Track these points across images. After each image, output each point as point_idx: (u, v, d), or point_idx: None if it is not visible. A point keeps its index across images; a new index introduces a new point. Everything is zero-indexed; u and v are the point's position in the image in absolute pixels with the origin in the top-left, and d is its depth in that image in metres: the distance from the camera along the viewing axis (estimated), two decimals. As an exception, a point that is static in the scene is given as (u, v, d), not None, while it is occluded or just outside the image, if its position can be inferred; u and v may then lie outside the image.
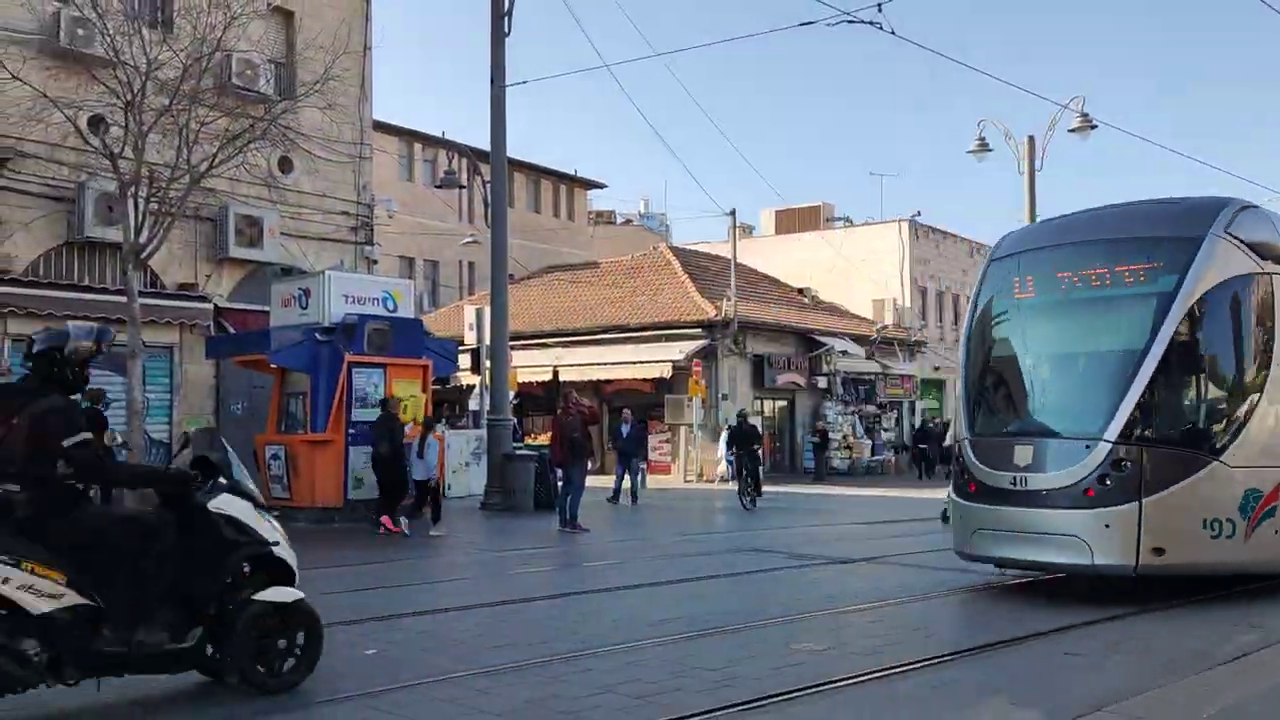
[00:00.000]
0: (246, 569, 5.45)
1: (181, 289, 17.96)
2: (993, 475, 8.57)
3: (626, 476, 19.55)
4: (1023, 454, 8.39)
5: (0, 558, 4.62)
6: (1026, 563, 8.83)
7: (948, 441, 27.77)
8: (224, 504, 5.30)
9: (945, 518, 14.39)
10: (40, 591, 4.68)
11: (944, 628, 7.45)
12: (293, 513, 14.91)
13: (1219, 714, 5.18)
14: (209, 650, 5.27)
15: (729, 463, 28.35)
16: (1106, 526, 7.91)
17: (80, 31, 15.66)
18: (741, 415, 21.75)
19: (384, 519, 13.89)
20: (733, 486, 25.97)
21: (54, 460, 4.91)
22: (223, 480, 5.41)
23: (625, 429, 19.56)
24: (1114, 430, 7.97)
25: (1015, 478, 8.34)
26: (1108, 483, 7.93)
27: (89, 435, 5.02)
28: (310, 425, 14.93)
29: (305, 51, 17.48)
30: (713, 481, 26.72)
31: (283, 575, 5.52)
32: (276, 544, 5.51)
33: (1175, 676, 5.88)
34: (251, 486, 5.61)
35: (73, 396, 5.37)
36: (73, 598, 4.77)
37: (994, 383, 9.51)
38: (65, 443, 4.91)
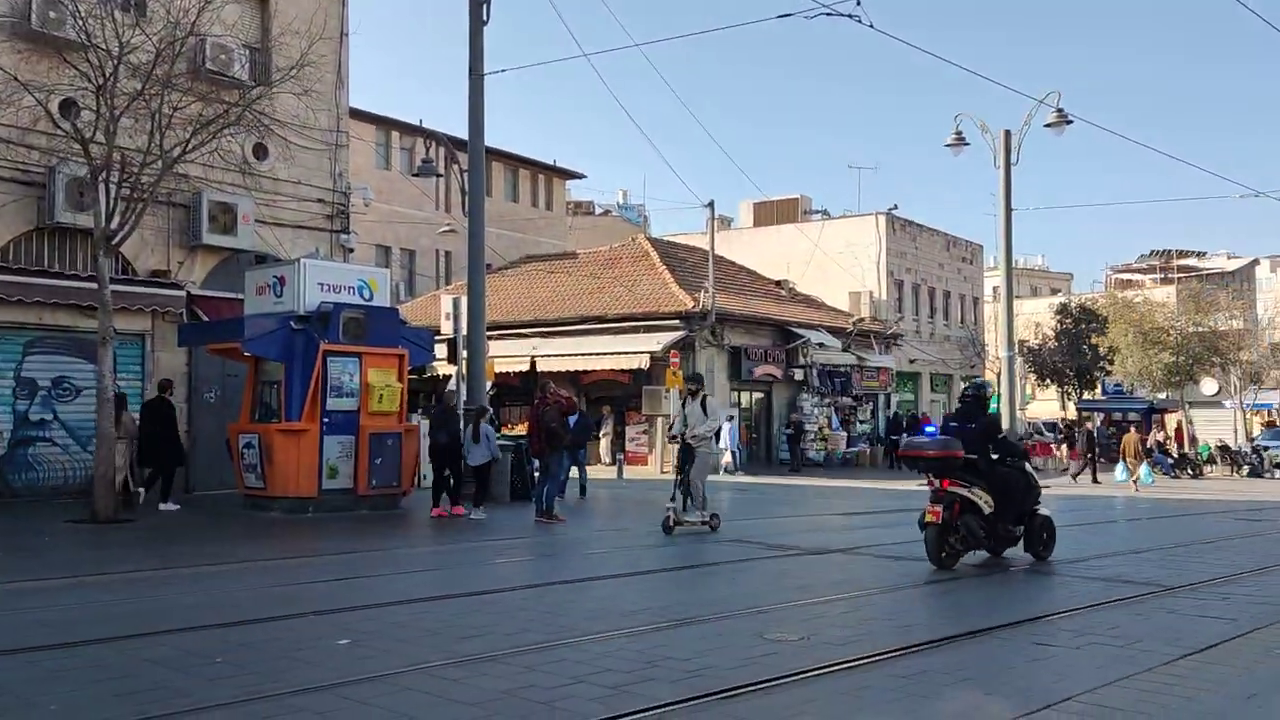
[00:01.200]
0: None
1: (154, 276, 17.77)
2: None
3: (574, 468, 18.95)
4: None
5: (980, 488, 9.90)
6: None
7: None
8: (1027, 465, 10.81)
9: (667, 528, 12.86)
10: (986, 502, 9.90)
11: (916, 618, 7.51)
12: (266, 502, 14.86)
13: (1185, 704, 5.24)
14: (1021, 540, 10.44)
15: (733, 452, 28.07)
16: None
17: (52, 14, 15.45)
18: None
19: (436, 509, 14.92)
20: (724, 478, 25.93)
21: (988, 446, 10.20)
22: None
23: (572, 419, 19.22)
24: None
25: None
26: None
27: (1004, 435, 11.12)
28: (285, 414, 14.83)
29: (281, 37, 17.32)
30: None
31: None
32: (1045, 488, 10.97)
33: (1143, 667, 5.96)
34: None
35: None
36: (991, 507, 9.92)
37: None
38: (997, 437, 10.55)
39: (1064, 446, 37.06)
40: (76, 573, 9.64)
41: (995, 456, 10.18)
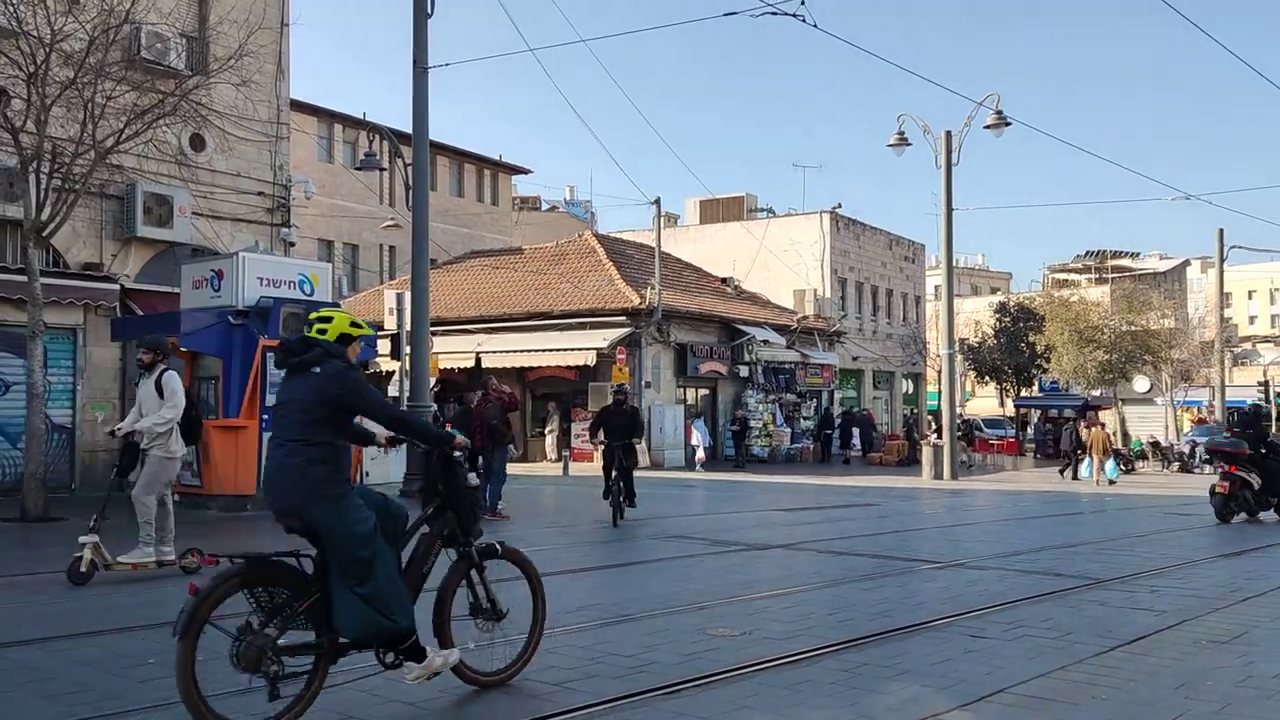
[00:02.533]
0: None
1: (86, 269, 17.34)
2: None
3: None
4: None
5: (1254, 473, 14.83)
6: None
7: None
8: None
9: (76, 576, 8.40)
10: (1256, 482, 14.84)
11: (856, 612, 7.59)
12: (203, 500, 14.58)
13: (1116, 694, 5.37)
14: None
15: (698, 447, 28.09)
16: None
17: (-21, -2, 14.96)
18: (620, 393, 15.63)
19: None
20: (690, 475, 25.95)
21: (1260, 446, 15.05)
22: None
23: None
24: None
25: None
26: None
27: (1272, 438, 15.56)
28: (223, 410, 14.56)
29: (219, 25, 16.98)
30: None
31: None
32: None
33: (1075, 658, 6.08)
34: None
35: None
36: (1259, 486, 14.84)
37: None
38: (1267, 439, 15.29)
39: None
40: (4, 573, 9.38)
41: (1264, 452, 14.86)
